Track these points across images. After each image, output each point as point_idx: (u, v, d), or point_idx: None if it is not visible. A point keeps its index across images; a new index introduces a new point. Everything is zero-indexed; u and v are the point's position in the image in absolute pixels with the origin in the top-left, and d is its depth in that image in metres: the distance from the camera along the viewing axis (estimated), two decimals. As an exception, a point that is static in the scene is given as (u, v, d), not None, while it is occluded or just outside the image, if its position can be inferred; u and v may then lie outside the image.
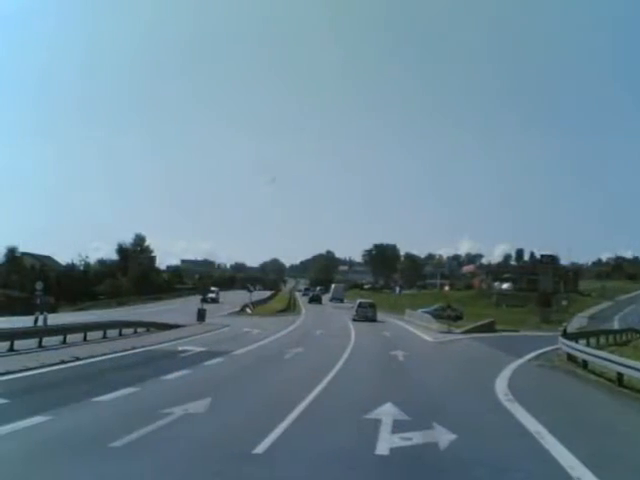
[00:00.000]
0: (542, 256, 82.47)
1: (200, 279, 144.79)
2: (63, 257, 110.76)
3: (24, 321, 32.86)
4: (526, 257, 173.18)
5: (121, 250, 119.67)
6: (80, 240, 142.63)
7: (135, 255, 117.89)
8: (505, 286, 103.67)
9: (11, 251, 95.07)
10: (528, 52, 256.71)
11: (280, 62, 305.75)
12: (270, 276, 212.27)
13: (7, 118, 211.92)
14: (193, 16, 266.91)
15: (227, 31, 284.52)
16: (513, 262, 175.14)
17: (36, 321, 32.66)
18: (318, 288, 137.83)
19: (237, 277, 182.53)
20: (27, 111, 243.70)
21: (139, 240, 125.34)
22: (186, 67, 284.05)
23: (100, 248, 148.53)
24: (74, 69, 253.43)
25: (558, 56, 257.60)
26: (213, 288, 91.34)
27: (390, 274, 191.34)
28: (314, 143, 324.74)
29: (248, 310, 70.04)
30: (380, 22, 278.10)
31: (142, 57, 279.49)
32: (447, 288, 65.16)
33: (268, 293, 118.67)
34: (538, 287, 75.98)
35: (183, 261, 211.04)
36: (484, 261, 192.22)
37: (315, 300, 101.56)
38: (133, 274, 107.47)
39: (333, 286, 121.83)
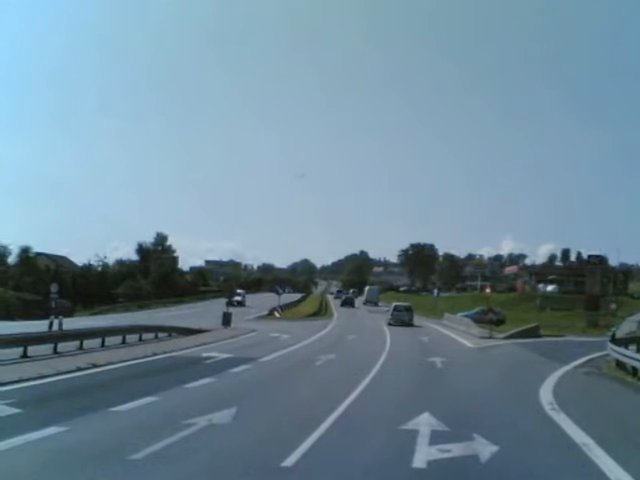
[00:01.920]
0: (589, 257, 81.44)
1: (225, 281, 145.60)
2: (80, 257, 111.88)
3: (38, 325, 33.16)
4: (572, 258, 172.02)
5: (141, 250, 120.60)
6: (98, 239, 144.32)
7: (156, 255, 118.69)
8: (550, 288, 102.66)
9: (25, 251, 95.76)
10: (576, 41, 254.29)
11: (310, 54, 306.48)
12: (300, 278, 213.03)
13: (22, 113, 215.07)
14: (218, 3, 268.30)
15: (253, 22, 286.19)
16: (559, 263, 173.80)
17: (51, 325, 32.89)
18: (351, 290, 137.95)
19: (265, 279, 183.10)
20: (43, 106, 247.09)
21: (160, 239, 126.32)
22: (210, 59, 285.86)
23: (119, 248, 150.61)
24: (91, 62, 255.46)
25: (608, 47, 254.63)
26: (239, 290, 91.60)
27: (428, 275, 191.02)
28: (346, 138, 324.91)
29: (276, 314, 70.32)
30: (415, 12, 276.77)
31: (164, 48, 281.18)
32: (488, 290, 64.57)
33: (298, 296, 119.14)
34: (585, 289, 75.27)
35: (207, 262, 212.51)
36: (528, 262, 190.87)
37: (348, 303, 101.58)
38: (154, 276, 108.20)
39: (367, 288, 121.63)
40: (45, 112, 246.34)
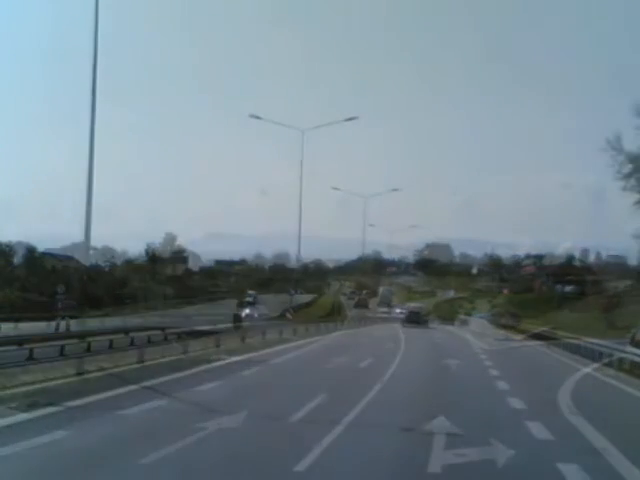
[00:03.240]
0: (608, 256, 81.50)
1: (236, 282, 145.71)
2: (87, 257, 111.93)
3: (45, 327, 33.31)
4: (592, 257, 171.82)
5: (150, 250, 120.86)
6: (105, 239, 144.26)
7: (165, 256, 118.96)
8: (568, 289, 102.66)
9: (30, 251, 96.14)
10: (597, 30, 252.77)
11: (319, 45, 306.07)
12: (312, 278, 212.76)
13: (23, 107, 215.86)
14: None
15: (257, 19, 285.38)
16: (577, 263, 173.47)
17: (57, 327, 33.11)
18: (364, 292, 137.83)
19: (276, 279, 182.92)
20: (45, 99, 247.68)
21: (170, 239, 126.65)
22: (220, 53, 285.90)
23: (127, 248, 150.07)
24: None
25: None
26: (250, 291, 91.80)
27: (443, 276, 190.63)
28: (355, 130, 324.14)
29: (288, 315, 70.49)
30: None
31: (172, 34, 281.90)
32: (505, 291, 64.60)
33: (310, 297, 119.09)
34: (604, 290, 75.09)
35: (218, 262, 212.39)
36: (546, 262, 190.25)
37: (361, 305, 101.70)
38: (163, 276, 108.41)
39: (381, 289, 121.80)
40: (45, 105, 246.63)
